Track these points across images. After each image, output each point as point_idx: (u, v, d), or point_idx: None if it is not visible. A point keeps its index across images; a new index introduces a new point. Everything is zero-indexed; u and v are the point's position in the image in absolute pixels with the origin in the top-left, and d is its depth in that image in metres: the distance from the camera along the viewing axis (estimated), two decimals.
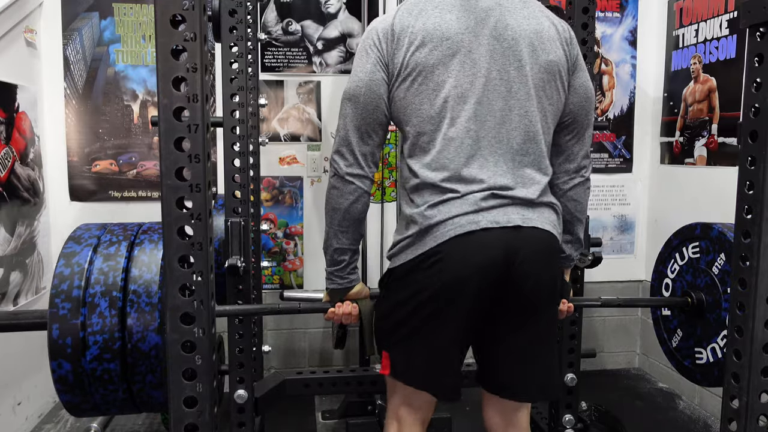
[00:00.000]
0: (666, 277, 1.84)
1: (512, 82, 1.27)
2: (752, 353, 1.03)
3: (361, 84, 1.31)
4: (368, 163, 1.33)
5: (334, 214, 1.35)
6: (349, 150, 1.31)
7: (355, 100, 1.31)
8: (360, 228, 1.38)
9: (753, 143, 1.02)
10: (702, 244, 1.70)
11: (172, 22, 0.85)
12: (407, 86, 1.28)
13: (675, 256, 1.80)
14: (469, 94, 1.26)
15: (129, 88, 2.65)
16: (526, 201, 1.28)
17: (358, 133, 1.31)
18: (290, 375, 2.11)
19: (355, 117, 1.31)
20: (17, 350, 2.33)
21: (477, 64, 1.26)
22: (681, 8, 2.75)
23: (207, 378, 0.92)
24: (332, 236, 1.36)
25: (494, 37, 1.27)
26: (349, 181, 1.32)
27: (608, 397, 2.63)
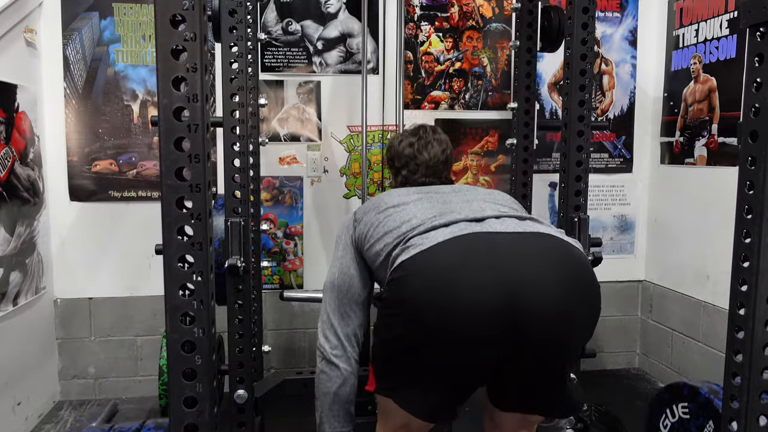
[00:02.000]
0: (658, 430, 1.84)
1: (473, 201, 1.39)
2: (752, 353, 1.03)
3: (334, 269, 1.46)
4: (352, 344, 1.43)
5: (324, 398, 1.44)
6: (332, 332, 1.42)
7: (331, 286, 1.45)
8: (351, 410, 1.45)
9: (753, 143, 1.02)
10: (691, 407, 1.70)
11: (172, 22, 0.85)
12: (369, 233, 1.39)
13: (666, 413, 1.81)
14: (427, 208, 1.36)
15: (129, 88, 2.65)
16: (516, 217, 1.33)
17: (338, 315, 1.43)
18: (290, 375, 2.10)
19: (333, 300, 1.44)
20: (17, 350, 2.33)
21: (432, 200, 1.40)
22: (681, 8, 2.75)
23: (207, 378, 0.92)
24: (324, 421, 1.45)
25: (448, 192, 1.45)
26: (335, 364, 1.41)
27: (608, 397, 2.62)
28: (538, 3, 2.29)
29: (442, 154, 1.60)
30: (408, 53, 2.80)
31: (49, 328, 2.63)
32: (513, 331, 1.12)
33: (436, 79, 2.84)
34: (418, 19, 2.80)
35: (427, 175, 1.57)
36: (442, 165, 1.60)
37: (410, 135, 1.63)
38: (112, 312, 2.71)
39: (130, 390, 2.74)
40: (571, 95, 1.84)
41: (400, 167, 1.62)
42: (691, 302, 2.72)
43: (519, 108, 2.38)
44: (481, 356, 1.17)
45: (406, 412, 1.26)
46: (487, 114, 2.88)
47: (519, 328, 1.12)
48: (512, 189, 2.48)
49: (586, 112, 1.86)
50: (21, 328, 2.35)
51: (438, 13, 2.81)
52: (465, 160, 2.89)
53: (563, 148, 1.89)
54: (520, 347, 1.15)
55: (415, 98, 2.83)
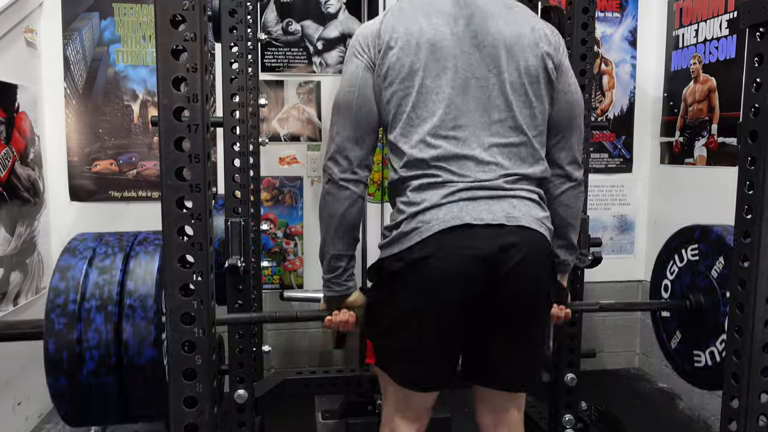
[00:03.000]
0: (665, 278, 1.83)
1: (491, 89, 1.29)
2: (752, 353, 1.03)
3: (353, 89, 1.32)
4: (362, 168, 1.34)
5: (330, 220, 1.35)
6: (343, 156, 1.32)
7: (347, 106, 1.32)
8: (356, 233, 1.39)
9: (753, 143, 1.02)
10: (701, 247, 1.69)
11: (172, 22, 0.85)
12: (393, 90, 1.29)
13: (674, 258, 1.79)
14: (451, 100, 1.28)
15: (129, 88, 2.65)
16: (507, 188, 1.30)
17: (352, 138, 1.32)
18: (290, 375, 2.11)
19: (348, 122, 1.32)
20: (17, 350, 2.33)
21: (459, 71, 1.28)
22: (681, 8, 2.75)
23: (207, 378, 0.92)
24: (328, 243, 1.37)
25: (475, 46, 1.29)
26: (344, 186, 1.32)
27: (608, 397, 2.62)
28: (538, 3, 2.29)
29: None
30: None
31: None
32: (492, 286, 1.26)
33: None
34: None
35: None
36: None
37: None
38: None
39: None
40: None
41: None
42: None
43: None
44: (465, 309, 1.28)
45: (401, 385, 1.34)
46: None
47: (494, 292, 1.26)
48: None
49: (586, 112, 1.86)
50: None
51: None
52: None
53: None
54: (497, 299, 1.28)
55: None
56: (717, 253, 1.62)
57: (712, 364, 1.64)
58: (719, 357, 1.60)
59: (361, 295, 1.43)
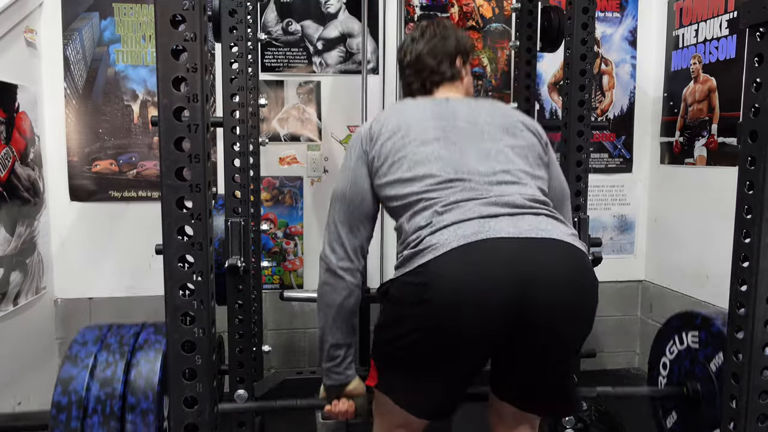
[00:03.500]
0: (664, 356, 1.84)
1: (490, 148, 1.31)
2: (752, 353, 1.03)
3: (346, 180, 1.39)
4: (358, 257, 1.38)
5: (328, 310, 1.38)
6: (339, 244, 1.37)
7: (342, 196, 1.39)
8: (354, 322, 1.40)
9: (753, 143, 1.02)
10: (702, 336, 1.67)
11: (172, 22, 0.85)
12: (388, 164, 1.33)
13: (674, 339, 1.78)
14: (447, 158, 1.30)
15: (129, 88, 2.65)
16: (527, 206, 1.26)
17: (347, 227, 1.37)
18: (290, 375, 2.11)
19: (342, 212, 1.38)
20: (17, 350, 2.33)
21: (450, 138, 1.32)
22: (681, 8, 2.75)
23: (207, 378, 0.92)
24: (327, 332, 1.39)
25: (468, 122, 1.35)
26: (341, 276, 1.36)
27: (608, 397, 2.62)
28: (538, 3, 2.29)
29: (455, 49, 1.48)
30: None
31: (50, 328, 2.63)
32: (515, 327, 1.16)
33: None
34: (418, 19, 2.80)
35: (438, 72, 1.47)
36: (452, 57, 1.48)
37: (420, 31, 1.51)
38: (112, 312, 2.71)
39: None
40: (571, 95, 1.84)
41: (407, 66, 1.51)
42: (691, 302, 2.72)
43: (519, 108, 2.38)
44: (486, 350, 1.22)
45: (406, 411, 1.27)
46: None
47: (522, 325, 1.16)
48: None
49: (586, 112, 1.86)
50: (21, 328, 2.35)
51: (438, 13, 2.81)
52: None
53: (563, 148, 1.89)
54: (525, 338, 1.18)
55: None
56: (717, 347, 1.61)
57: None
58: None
59: (361, 383, 1.42)
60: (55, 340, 2.67)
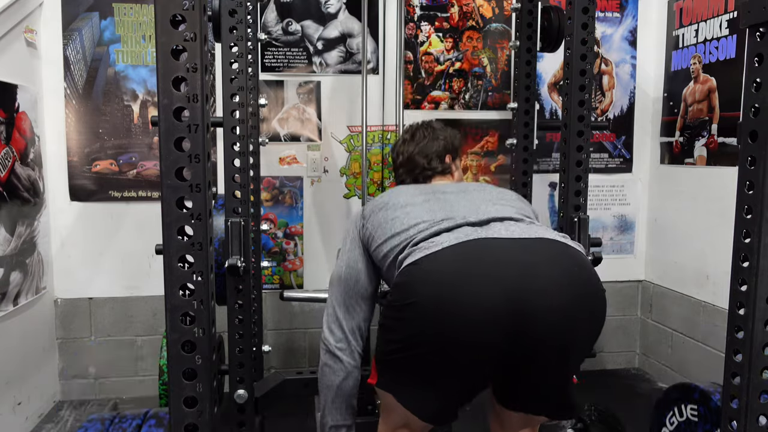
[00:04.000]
0: (664, 426, 1.84)
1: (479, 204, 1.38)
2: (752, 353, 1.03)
3: (342, 263, 1.45)
4: (356, 338, 1.42)
5: (327, 391, 1.43)
6: (337, 325, 1.42)
7: (338, 279, 1.45)
8: (353, 403, 1.45)
9: (753, 143, 1.02)
10: (701, 410, 1.68)
11: (172, 22, 0.85)
12: (378, 233, 1.39)
13: (674, 410, 1.79)
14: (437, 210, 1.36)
15: (129, 88, 2.65)
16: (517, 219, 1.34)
17: (343, 308, 1.42)
18: (290, 375, 2.10)
19: (339, 294, 1.43)
20: (18, 350, 2.33)
21: (441, 200, 1.40)
22: (681, 8, 2.75)
23: (207, 378, 0.92)
24: (327, 413, 1.44)
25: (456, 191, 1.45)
26: (339, 357, 1.41)
27: (608, 397, 2.62)
28: (538, 3, 2.29)
29: (443, 148, 1.66)
30: (408, 53, 2.80)
31: (50, 328, 2.63)
32: (517, 337, 1.12)
33: (436, 79, 2.84)
34: (418, 19, 2.80)
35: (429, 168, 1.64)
36: (441, 155, 1.66)
37: (410, 133, 1.71)
38: (112, 312, 2.71)
39: (130, 390, 2.74)
40: (571, 95, 1.84)
41: (400, 166, 1.70)
42: (691, 302, 2.72)
43: (519, 108, 2.38)
44: (484, 362, 1.17)
45: (407, 410, 1.27)
46: (487, 114, 2.88)
47: (523, 335, 1.12)
48: (512, 189, 2.48)
49: (586, 112, 1.86)
50: (21, 328, 2.35)
51: (438, 13, 2.81)
52: (465, 160, 2.89)
53: (563, 148, 1.90)
54: (524, 353, 1.15)
55: (415, 98, 2.83)
56: (716, 422, 1.60)
57: None
58: None
59: None
60: (55, 340, 2.67)
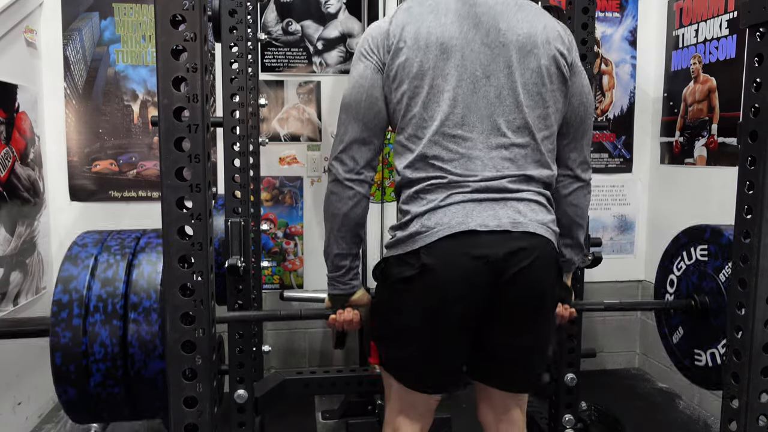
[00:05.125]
0: (671, 273, 1.83)
1: (501, 88, 1.27)
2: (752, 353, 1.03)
3: (361, 89, 1.31)
4: (368, 168, 1.33)
5: (334, 219, 1.34)
6: (349, 156, 1.31)
7: (356, 106, 1.31)
8: (360, 232, 1.38)
9: (753, 143, 1.02)
10: (711, 248, 1.68)
11: (172, 22, 0.85)
12: (402, 91, 1.28)
13: (682, 254, 1.78)
14: (459, 99, 1.27)
15: (129, 88, 2.65)
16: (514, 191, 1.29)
17: (359, 139, 1.31)
18: (290, 375, 2.10)
19: (355, 123, 1.31)
20: (17, 350, 2.33)
21: (468, 70, 1.27)
22: (681, 8, 2.75)
23: (207, 378, 0.92)
24: (332, 242, 1.36)
25: (486, 44, 1.27)
26: (348, 186, 1.32)
27: (608, 397, 2.62)
28: (537, 3, 2.28)
29: None
30: None
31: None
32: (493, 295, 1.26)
33: None
34: None
35: None
36: None
37: None
38: None
39: None
40: None
41: None
42: None
43: None
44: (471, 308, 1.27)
45: (409, 387, 1.33)
46: None
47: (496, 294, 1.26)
48: None
49: None
50: None
51: None
52: None
53: None
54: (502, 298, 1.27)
55: None
56: (727, 257, 1.61)
57: (712, 364, 1.64)
58: (720, 359, 1.60)
59: (366, 293, 1.43)
60: None
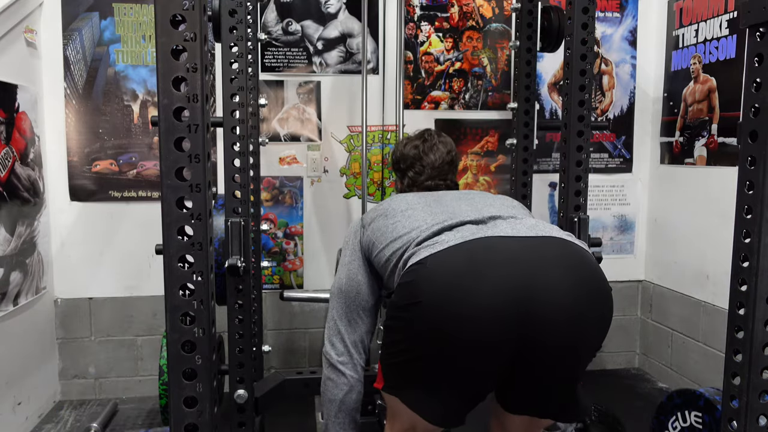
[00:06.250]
0: (666, 430, 1.85)
1: (480, 206, 1.38)
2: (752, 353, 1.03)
3: (342, 276, 1.44)
4: (358, 351, 1.41)
5: (331, 405, 1.42)
6: (339, 339, 1.41)
7: (339, 292, 1.44)
8: (356, 417, 1.44)
9: (753, 143, 1.02)
10: (705, 419, 1.68)
11: (172, 22, 0.85)
12: (381, 237, 1.37)
13: (677, 415, 1.79)
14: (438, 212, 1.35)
15: (129, 88, 2.65)
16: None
17: (345, 321, 1.41)
18: (290, 375, 2.11)
19: (340, 307, 1.42)
20: (18, 350, 2.33)
21: (441, 202, 1.40)
22: (681, 8, 2.75)
23: (207, 378, 0.92)
24: (330, 428, 1.43)
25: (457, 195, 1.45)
26: (341, 371, 1.40)
27: (608, 397, 2.62)
28: (538, 3, 2.29)
29: (447, 155, 1.63)
30: (408, 53, 2.80)
31: (50, 328, 2.63)
32: (524, 337, 1.10)
33: (436, 79, 2.84)
34: (418, 19, 2.80)
35: (433, 177, 1.60)
36: (447, 166, 1.63)
37: (415, 138, 1.68)
38: (112, 312, 2.71)
39: (130, 390, 2.74)
40: (571, 95, 1.84)
41: (406, 169, 1.65)
42: (690, 302, 2.72)
43: (519, 108, 2.38)
44: (491, 362, 1.15)
45: (414, 412, 1.25)
46: (487, 114, 2.88)
47: (530, 335, 1.10)
48: (512, 189, 2.48)
49: (586, 112, 1.86)
50: (21, 328, 2.35)
51: (438, 13, 2.81)
52: (465, 160, 2.89)
53: (563, 148, 1.90)
54: (531, 353, 1.13)
55: (415, 98, 2.83)
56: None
57: None
58: None
59: None
60: (55, 340, 2.67)
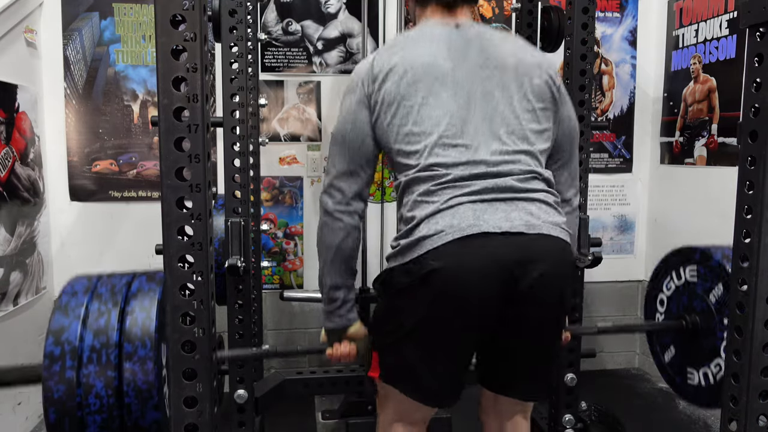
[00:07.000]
0: (661, 292, 1.83)
1: (497, 102, 1.28)
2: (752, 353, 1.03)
3: (346, 123, 1.34)
4: (356, 200, 1.35)
5: (327, 251, 1.36)
6: (337, 188, 1.33)
7: (341, 140, 1.34)
8: (352, 264, 1.38)
9: (753, 143, 1.02)
10: (700, 270, 1.67)
11: (172, 22, 0.85)
12: (392, 113, 1.28)
13: (672, 275, 1.78)
14: (455, 114, 1.26)
15: (129, 88, 2.65)
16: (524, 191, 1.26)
17: (346, 171, 1.33)
18: (290, 375, 2.11)
19: (342, 155, 1.34)
20: (17, 351, 2.33)
21: (463, 88, 1.27)
22: (681, 8, 2.75)
23: (207, 378, 0.92)
24: (326, 274, 1.37)
25: (478, 65, 1.29)
26: (338, 217, 1.33)
27: (608, 397, 2.62)
28: (538, 3, 2.29)
29: None
30: None
31: None
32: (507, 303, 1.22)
33: None
34: None
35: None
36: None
37: None
38: None
39: None
40: (571, 95, 1.84)
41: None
42: None
43: None
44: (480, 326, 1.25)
45: (409, 398, 1.29)
46: None
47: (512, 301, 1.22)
48: None
49: (586, 112, 1.86)
50: (21, 327, 2.35)
51: None
52: None
53: None
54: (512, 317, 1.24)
55: None
56: (716, 279, 1.61)
57: (704, 384, 1.63)
58: (712, 379, 1.60)
59: (362, 327, 1.41)
60: None
